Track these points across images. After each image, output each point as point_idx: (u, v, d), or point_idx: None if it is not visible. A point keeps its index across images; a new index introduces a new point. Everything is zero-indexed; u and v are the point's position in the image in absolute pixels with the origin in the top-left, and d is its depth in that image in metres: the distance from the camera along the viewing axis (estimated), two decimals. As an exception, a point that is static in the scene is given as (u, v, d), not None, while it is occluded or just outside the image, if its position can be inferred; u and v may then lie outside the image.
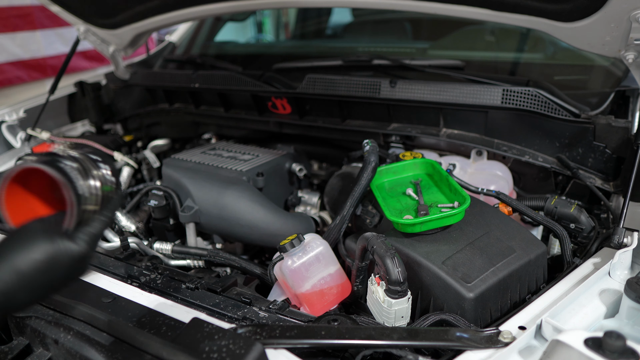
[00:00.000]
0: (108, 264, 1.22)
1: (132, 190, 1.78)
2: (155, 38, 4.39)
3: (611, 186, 1.39)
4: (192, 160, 1.69)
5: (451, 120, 1.62)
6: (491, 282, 1.03)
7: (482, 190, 1.36)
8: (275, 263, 1.18)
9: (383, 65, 1.87)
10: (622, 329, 0.90)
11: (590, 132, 1.43)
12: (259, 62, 2.59)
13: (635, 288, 0.88)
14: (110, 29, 2.14)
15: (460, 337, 0.84)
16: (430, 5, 1.51)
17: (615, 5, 1.19)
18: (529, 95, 1.47)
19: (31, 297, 0.71)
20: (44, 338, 0.90)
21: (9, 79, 3.84)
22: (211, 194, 1.52)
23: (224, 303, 1.04)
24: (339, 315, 0.97)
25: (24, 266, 0.68)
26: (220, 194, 1.48)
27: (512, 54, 2.11)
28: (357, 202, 1.32)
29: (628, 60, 1.31)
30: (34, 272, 0.68)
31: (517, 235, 1.16)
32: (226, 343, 0.76)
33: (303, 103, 1.84)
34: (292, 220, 1.51)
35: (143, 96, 2.31)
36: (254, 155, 1.72)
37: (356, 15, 3.01)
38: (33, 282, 0.69)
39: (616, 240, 1.13)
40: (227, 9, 1.88)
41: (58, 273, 0.71)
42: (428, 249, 1.12)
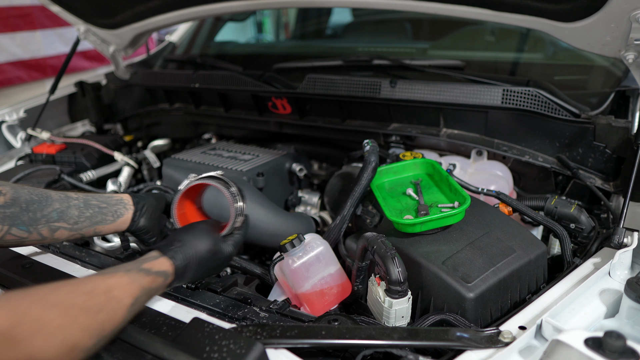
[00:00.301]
0: (108, 264, 1.22)
1: (132, 190, 1.78)
2: (155, 38, 4.40)
3: (611, 186, 1.39)
4: (193, 160, 1.69)
5: (451, 120, 1.62)
6: (491, 282, 1.03)
7: (482, 190, 1.36)
8: (275, 263, 1.18)
9: (383, 65, 1.87)
10: (622, 328, 0.90)
11: (590, 132, 1.43)
12: (259, 62, 2.59)
13: (635, 288, 0.88)
14: (111, 29, 2.14)
15: (461, 337, 0.84)
16: (430, 5, 1.51)
17: (615, 6, 1.19)
18: (529, 95, 1.47)
19: (195, 274, 0.96)
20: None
21: (9, 79, 3.85)
22: (211, 194, 1.52)
23: (224, 303, 1.04)
24: (339, 315, 0.97)
25: (200, 250, 0.96)
26: (220, 194, 1.48)
27: (512, 54, 2.11)
28: (358, 202, 1.32)
29: (628, 61, 1.31)
30: (204, 256, 0.97)
31: (517, 235, 1.16)
32: (227, 343, 0.76)
33: (303, 103, 1.84)
34: (292, 220, 1.51)
35: (143, 96, 2.31)
36: (254, 155, 1.72)
37: (356, 15, 3.01)
38: (200, 262, 0.96)
39: (616, 240, 1.13)
40: (227, 9, 1.89)
41: (214, 263, 1.01)
42: (428, 249, 1.12)
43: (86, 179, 1.83)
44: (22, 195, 0.96)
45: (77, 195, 1.07)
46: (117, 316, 0.74)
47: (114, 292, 0.75)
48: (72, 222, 1.03)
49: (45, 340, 0.60)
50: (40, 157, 1.96)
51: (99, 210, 1.07)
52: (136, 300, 0.79)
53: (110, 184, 1.71)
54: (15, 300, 0.62)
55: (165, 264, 0.89)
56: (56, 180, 1.71)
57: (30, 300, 0.63)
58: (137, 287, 0.79)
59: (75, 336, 0.65)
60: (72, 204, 1.04)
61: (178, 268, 0.91)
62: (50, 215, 1.00)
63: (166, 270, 0.89)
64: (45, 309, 0.63)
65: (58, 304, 0.66)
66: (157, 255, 0.90)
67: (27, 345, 0.58)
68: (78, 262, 1.19)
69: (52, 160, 1.94)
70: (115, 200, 1.12)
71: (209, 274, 1.03)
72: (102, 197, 1.11)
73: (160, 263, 0.89)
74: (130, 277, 0.80)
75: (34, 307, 0.62)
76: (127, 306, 0.76)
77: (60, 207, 1.02)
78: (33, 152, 1.98)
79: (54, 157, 1.94)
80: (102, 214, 1.08)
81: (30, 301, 0.63)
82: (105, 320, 0.71)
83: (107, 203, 1.10)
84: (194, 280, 1.02)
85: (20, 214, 0.94)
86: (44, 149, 1.96)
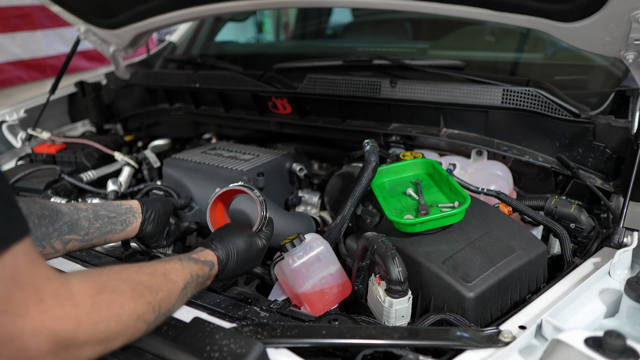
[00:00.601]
0: (109, 263, 1.22)
1: (132, 190, 1.78)
2: (156, 38, 4.39)
3: (611, 186, 1.39)
4: (193, 160, 1.70)
5: (451, 120, 1.62)
6: (491, 281, 1.03)
7: (483, 190, 1.36)
8: (275, 263, 1.18)
9: (383, 65, 1.87)
10: (622, 328, 0.90)
11: (590, 132, 1.43)
12: (259, 62, 2.60)
13: (635, 287, 0.88)
14: (111, 29, 2.14)
15: (461, 336, 0.85)
16: (430, 5, 1.52)
17: (615, 6, 1.19)
18: (529, 95, 1.47)
19: (235, 267, 1.05)
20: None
21: (9, 79, 3.85)
22: (212, 193, 1.52)
23: (224, 302, 1.04)
24: (339, 315, 0.97)
25: (237, 242, 1.06)
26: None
27: (512, 54, 2.11)
28: (358, 201, 1.32)
29: (628, 61, 1.31)
30: (241, 247, 1.06)
31: (517, 235, 1.16)
32: (227, 342, 0.76)
33: (303, 103, 1.85)
34: (292, 220, 1.51)
35: (143, 96, 2.31)
36: (254, 155, 1.72)
37: (356, 15, 3.01)
38: (239, 254, 1.05)
39: (616, 240, 1.13)
40: (227, 9, 1.89)
41: (251, 254, 1.09)
42: (428, 249, 1.12)
43: (86, 179, 1.83)
44: (34, 211, 1.00)
45: (86, 206, 1.12)
46: (172, 297, 0.83)
47: (170, 275, 0.85)
48: (83, 234, 1.07)
49: (120, 308, 0.70)
50: (40, 157, 1.96)
51: (108, 220, 1.12)
52: (187, 284, 0.88)
53: (110, 184, 1.71)
54: (96, 275, 0.72)
55: (210, 254, 1.01)
56: (56, 180, 1.71)
57: (107, 275, 0.73)
58: (188, 272, 0.90)
59: (141, 309, 0.74)
60: (82, 215, 1.08)
61: (221, 258, 1.02)
62: (62, 229, 1.03)
63: (211, 260, 1.00)
64: (119, 282, 0.73)
65: (128, 280, 0.75)
66: (202, 249, 1.02)
67: (107, 310, 0.67)
68: (79, 262, 1.20)
69: (53, 160, 1.94)
70: (125, 209, 1.17)
71: (247, 267, 1.10)
72: (112, 207, 1.15)
73: (206, 254, 1.00)
74: (183, 264, 0.91)
75: (110, 280, 0.72)
76: (180, 289, 0.86)
77: (70, 219, 1.06)
78: (33, 152, 1.98)
79: (54, 157, 1.94)
80: (111, 223, 1.13)
81: (107, 276, 0.73)
82: (163, 299, 0.80)
83: (117, 212, 1.15)
84: (236, 275, 1.10)
85: (34, 229, 0.98)
86: (44, 148, 1.96)
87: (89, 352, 0.65)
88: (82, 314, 0.63)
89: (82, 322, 0.63)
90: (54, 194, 1.64)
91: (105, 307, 0.67)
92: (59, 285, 0.63)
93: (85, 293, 0.66)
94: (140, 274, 0.79)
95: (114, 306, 0.69)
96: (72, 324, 0.62)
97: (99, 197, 1.62)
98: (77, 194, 1.76)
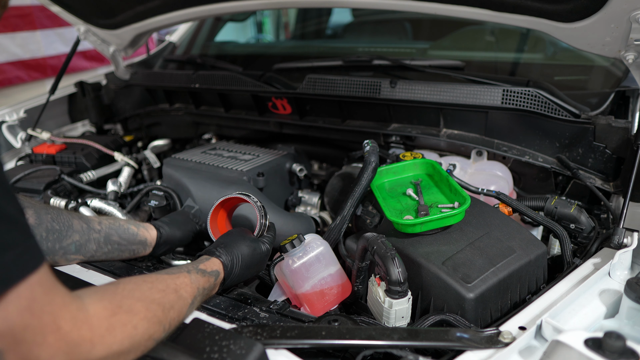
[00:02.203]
0: (109, 264, 1.21)
1: (132, 190, 1.78)
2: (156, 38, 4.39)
3: (611, 186, 1.39)
4: (193, 160, 1.70)
5: (451, 121, 1.62)
6: (491, 282, 1.03)
7: (482, 190, 1.36)
8: (275, 263, 1.18)
9: (383, 66, 1.87)
10: (622, 329, 0.90)
11: (590, 132, 1.43)
12: (259, 62, 2.60)
13: (635, 288, 0.88)
14: (111, 29, 2.14)
15: (461, 337, 0.85)
16: (430, 5, 1.52)
17: (615, 6, 1.19)
18: (529, 96, 1.47)
19: (241, 272, 1.06)
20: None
21: (9, 79, 3.85)
22: (212, 193, 1.52)
23: (224, 303, 1.04)
24: (339, 316, 0.97)
25: (241, 247, 1.07)
26: (221, 194, 1.48)
27: (512, 54, 2.11)
28: (358, 202, 1.32)
29: (628, 61, 1.31)
30: (245, 252, 1.07)
31: (517, 236, 1.16)
32: (227, 343, 0.76)
33: (303, 103, 1.85)
34: (292, 220, 1.51)
35: (143, 96, 2.31)
36: (254, 155, 1.72)
37: (356, 16, 3.01)
38: (243, 259, 1.06)
39: (616, 241, 1.13)
40: (227, 9, 1.89)
41: (255, 259, 1.09)
42: (428, 250, 1.12)
43: (86, 179, 1.83)
44: (44, 221, 0.98)
45: (100, 227, 1.09)
46: (182, 314, 0.84)
47: (181, 292, 0.85)
48: (89, 256, 1.07)
49: (134, 329, 0.70)
50: (40, 157, 1.96)
51: (117, 247, 1.12)
52: (194, 299, 0.89)
53: (110, 184, 1.71)
54: (111, 294, 0.72)
55: (215, 263, 1.01)
56: (56, 180, 1.71)
57: (121, 295, 0.73)
58: (196, 287, 0.90)
59: (153, 328, 0.74)
60: (93, 237, 1.07)
61: (226, 264, 1.02)
62: (68, 248, 1.02)
63: (217, 270, 1.00)
64: (134, 302, 0.73)
65: (142, 299, 0.75)
66: (208, 257, 1.01)
67: (121, 332, 0.68)
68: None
69: (52, 161, 1.94)
70: (138, 240, 1.16)
71: (252, 271, 1.11)
72: (126, 234, 1.14)
73: (211, 263, 1.00)
74: (191, 278, 0.90)
75: (125, 300, 0.72)
76: (189, 305, 0.86)
77: (80, 240, 1.05)
78: (33, 152, 1.98)
79: (54, 157, 1.94)
80: (119, 251, 1.13)
81: (122, 295, 0.73)
82: (173, 318, 0.80)
83: (128, 241, 1.14)
84: (241, 280, 1.09)
85: (40, 242, 0.95)
86: (44, 149, 1.96)
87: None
88: (97, 337, 0.64)
89: (97, 345, 0.64)
90: (53, 194, 1.64)
91: (120, 329, 0.68)
92: (76, 309, 0.63)
93: (101, 315, 0.67)
94: (153, 291, 0.79)
95: (128, 327, 0.70)
96: (87, 347, 0.63)
97: (99, 198, 1.61)
98: (77, 194, 1.75)
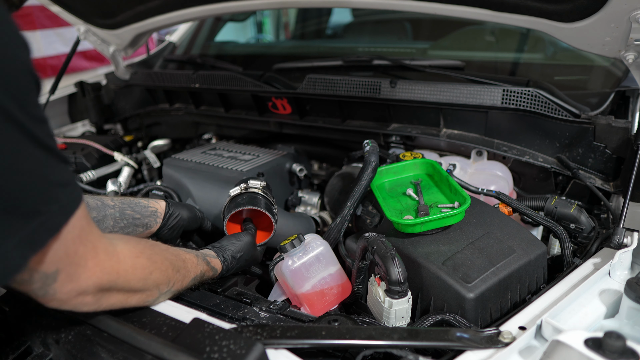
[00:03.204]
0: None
1: (132, 190, 1.78)
2: (156, 38, 4.40)
3: (611, 186, 1.39)
4: (193, 160, 1.70)
5: (451, 121, 1.62)
6: (491, 282, 1.03)
7: (482, 190, 1.36)
8: (275, 263, 1.18)
9: (383, 66, 1.87)
10: (622, 329, 0.90)
11: (590, 132, 1.43)
12: (259, 62, 2.60)
13: (635, 288, 0.88)
14: (111, 29, 2.14)
15: (461, 337, 0.85)
16: (430, 5, 1.51)
17: (615, 6, 1.19)
18: (529, 96, 1.47)
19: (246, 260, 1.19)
20: (45, 338, 0.90)
21: (9, 79, 3.84)
22: (212, 193, 1.52)
23: (224, 303, 1.04)
24: (339, 316, 0.97)
25: (242, 259, 1.17)
26: (221, 194, 1.48)
27: (512, 54, 2.11)
28: (358, 202, 1.32)
29: (628, 61, 1.31)
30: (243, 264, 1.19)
31: (517, 236, 1.16)
32: (227, 343, 0.76)
33: (303, 103, 1.85)
34: (292, 220, 1.51)
35: (143, 96, 2.31)
36: (254, 155, 1.72)
37: (356, 16, 3.01)
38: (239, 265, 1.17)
39: (616, 241, 1.13)
40: (227, 9, 1.89)
41: (249, 264, 1.23)
42: (428, 249, 1.12)
43: (86, 179, 1.83)
44: None
45: (113, 202, 1.14)
46: (184, 282, 0.97)
47: (187, 264, 0.99)
48: (107, 232, 1.09)
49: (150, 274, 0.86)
50: (40, 157, 1.95)
51: (132, 221, 1.16)
52: (194, 278, 1.01)
53: (110, 184, 1.71)
54: (135, 241, 0.87)
55: (218, 264, 1.11)
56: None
57: (143, 245, 0.89)
58: (199, 269, 1.02)
59: (162, 280, 0.90)
60: (109, 213, 1.11)
61: (223, 270, 1.13)
62: None
63: (217, 269, 1.10)
64: (154, 253, 0.89)
65: (159, 253, 0.91)
66: (215, 255, 1.12)
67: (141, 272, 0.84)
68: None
69: (52, 161, 1.94)
70: (150, 212, 1.21)
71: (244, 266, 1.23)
72: (138, 207, 1.19)
73: (216, 262, 1.10)
74: (198, 260, 1.03)
75: (146, 249, 0.88)
76: (191, 278, 0.99)
77: (97, 216, 1.08)
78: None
79: (54, 157, 1.94)
80: (134, 225, 1.16)
81: (144, 245, 0.89)
82: (177, 280, 0.94)
83: (141, 214, 1.19)
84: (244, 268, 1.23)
85: None
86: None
87: (114, 299, 0.82)
88: (122, 270, 0.79)
89: (121, 276, 0.79)
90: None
91: (140, 270, 0.83)
92: (108, 243, 0.78)
93: (127, 254, 0.82)
94: (168, 252, 0.94)
95: (145, 271, 0.85)
96: (114, 276, 0.78)
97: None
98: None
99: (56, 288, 0.72)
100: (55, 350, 0.89)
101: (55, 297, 0.73)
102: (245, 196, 1.27)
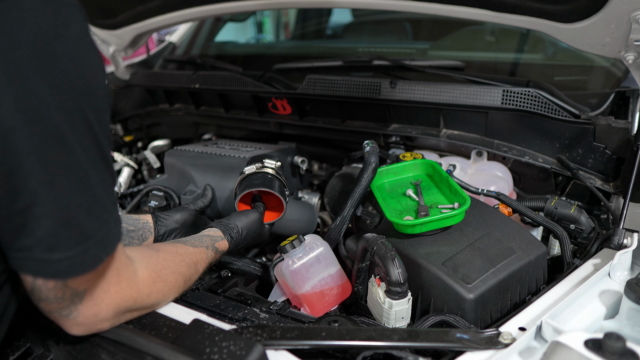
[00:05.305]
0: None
1: (132, 190, 1.78)
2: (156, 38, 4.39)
3: (611, 187, 1.39)
4: (195, 150, 1.69)
5: (451, 121, 1.62)
6: (491, 283, 1.03)
7: (482, 191, 1.36)
8: (275, 264, 1.18)
9: (383, 66, 1.87)
10: (622, 330, 0.90)
11: (590, 132, 1.43)
12: (259, 62, 2.59)
13: (635, 289, 0.88)
14: (111, 29, 2.14)
15: (461, 338, 0.85)
16: (430, 5, 1.52)
17: (615, 6, 1.19)
18: (529, 96, 1.47)
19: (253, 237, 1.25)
20: (45, 339, 0.90)
21: (9, 79, 3.83)
22: (214, 177, 1.51)
23: (224, 304, 1.04)
24: (339, 316, 0.97)
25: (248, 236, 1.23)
26: (224, 177, 1.47)
27: (512, 54, 2.11)
28: (358, 202, 1.32)
29: (628, 61, 1.31)
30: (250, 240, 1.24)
31: (517, 236, 1.16)
32: (227, 344, 0.76)
33: (303, 104, 1.85)
34: (294, 204, 1.50)
35: (143, 96, 2.31)
36: (256, 148, 1.72)
37: (356, 16, 3.01)
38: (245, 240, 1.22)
39: (616, 241, 1.13)
40: (227, 9, 1.89)
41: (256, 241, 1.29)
42: (428, 250, 1.12)
43: (86, 180, 1.83)
44: None
45: None
46: (192, 278, 1.01)
47: (198, 267, 1.02)
48: None
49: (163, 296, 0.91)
50: (40, 158, 1.95)
51: (127, 233, 1.16)
52: (203, 272, 1.06)
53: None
54: (154, 262, 0.90)
55: (225, 245, 1.15)
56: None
57: (161, 265, 0.91)
58: (207, 263, 1.07)
59: (173, 295, 0.95)
60: None
61: (231, 248, 1.17)
62: None
63: (224, 250, 1.15)
64: (169, 273, 0.92)
65: (174, 271, 0.94)
66: (221, 237, 1.15)
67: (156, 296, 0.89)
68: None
69: (52, 161, 1.94)
70: (142, 223, 1.21)
71: (252, 242, 1.28)
72: (130, 220, 1.20)
73: (223, 244, 1.14)
74: (207, 254, 1.07)
75: (163, 270, 0.91)
76: (199, 273, 1.04)
77: None
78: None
79: (54, 157, 1.94)
80: (129, 237, 1.16)
81: (162, 265, 0.91)
82: (187, 287, 1.00)
83: (135, 226, 1.19)
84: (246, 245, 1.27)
85: None
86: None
87: (128, 317, 0.86)
88: (139, 296, 0.84)
89: (137, 301, 0.84)
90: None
91: (155, 295, 0.88)
92: (132, 272, 0.82)
93: (146, 282, 0.86)
94: (182, 265, 0.97)
95: (160, 294, 0.90)
96: (131, 301, 0.83)
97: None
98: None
99: (80, 310, 0.76)
100: (56, 352, 0.89)
101: (77, 320, 0.77)
102: (260, 176, 1.28)
